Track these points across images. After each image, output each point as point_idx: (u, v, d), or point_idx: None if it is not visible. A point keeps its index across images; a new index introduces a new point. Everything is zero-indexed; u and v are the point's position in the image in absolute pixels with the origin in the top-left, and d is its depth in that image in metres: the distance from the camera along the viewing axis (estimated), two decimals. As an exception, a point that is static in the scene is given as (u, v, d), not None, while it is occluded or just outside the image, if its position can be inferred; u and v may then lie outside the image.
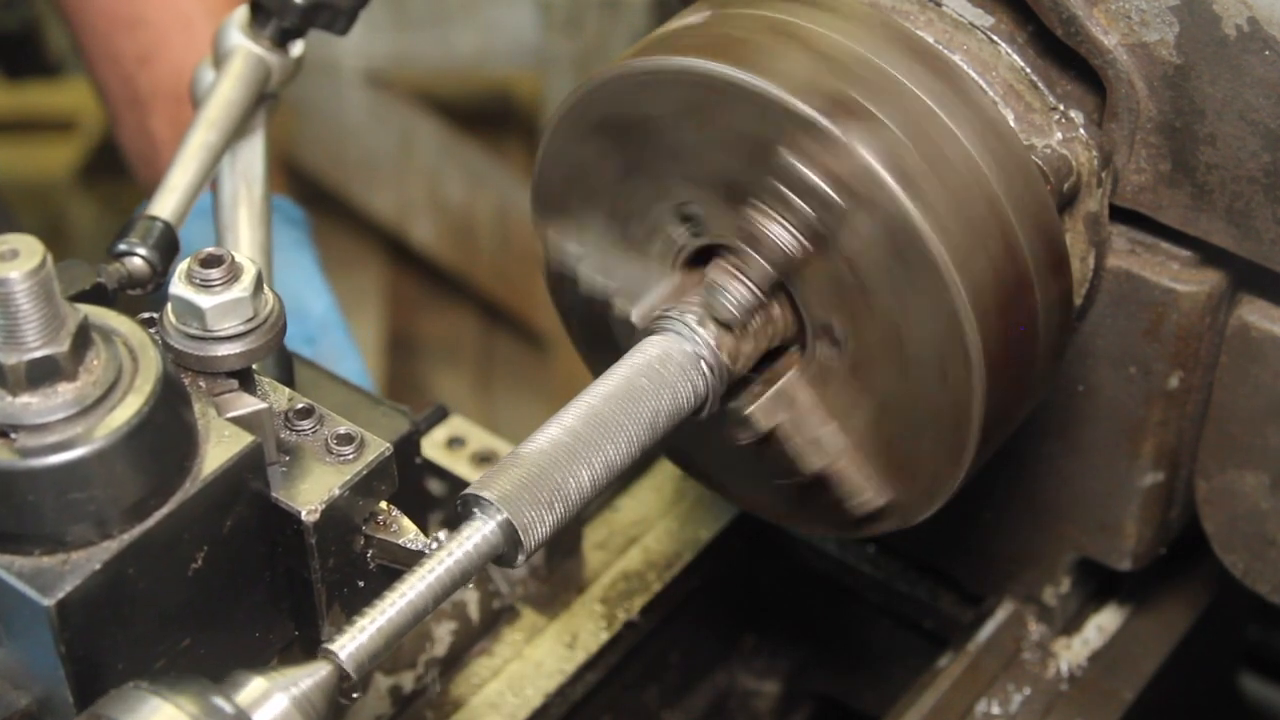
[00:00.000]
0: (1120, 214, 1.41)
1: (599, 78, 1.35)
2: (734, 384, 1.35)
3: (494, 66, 4.14)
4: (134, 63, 2.09)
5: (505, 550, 1.19)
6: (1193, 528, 1.54)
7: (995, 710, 1.64)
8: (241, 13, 1.61)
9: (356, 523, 1.21)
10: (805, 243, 1.28)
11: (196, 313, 1.16)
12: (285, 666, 1.12)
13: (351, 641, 1.13)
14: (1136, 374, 1.45)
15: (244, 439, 1.15)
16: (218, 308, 1.16)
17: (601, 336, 1.43)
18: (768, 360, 1.37)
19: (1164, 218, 1.38)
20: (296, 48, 1.63)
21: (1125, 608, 1.71)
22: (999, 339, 1.29)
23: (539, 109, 4.00)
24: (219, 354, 1.17)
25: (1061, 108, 1.38)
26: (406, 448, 1.43)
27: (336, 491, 1.18)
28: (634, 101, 1.33)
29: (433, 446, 1.70)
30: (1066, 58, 1.37)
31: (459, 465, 1.68)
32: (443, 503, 1.71)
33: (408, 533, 1.22)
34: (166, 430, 1.11)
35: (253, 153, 1.64)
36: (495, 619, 1.65)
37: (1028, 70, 1.38)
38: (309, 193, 4.22)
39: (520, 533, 1.19)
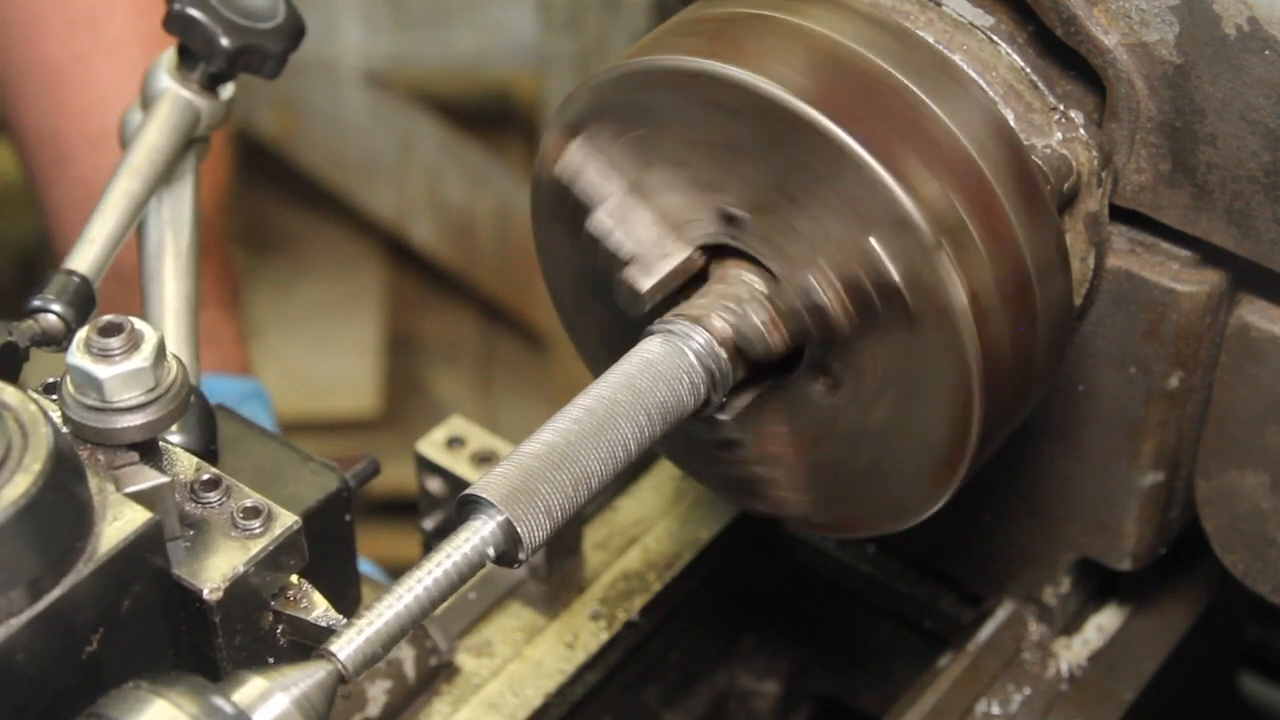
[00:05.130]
0: (1120, 214, 1.40)
1: (600, 77, 1.34)
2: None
3: (494, 66, 4.14)
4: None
5: (505, 550, 1.19)
6: (1193, 528, 1.54)
7: (995, 710, 1.64)
8: (170, 55, 1.57)
9: (264, 599, 1.17)
10: (855, 319, 1.29)
11: (94, 384, 1.11)
12: (285, 666, 1.12)
13: (351, 642, 1.13)
14: (1136, 374, 1.45)
15: (142, 516, 1.10)
16: (116, 378, 1.11)
17: (587, 291, 1.43)
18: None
19: (1164, 218, 1.38)
20: (226, 90, 1.59)
21: (1125, 608, 1.71)
22: (998, 339, 1.28)
23: (539, 109, 4.00)
24: (118, 426, 1.12)
25: (1061, 108, 1.38)
26: (337, 505, 1.40)
27: (241, 568, 1.15)
28: (651, 96, 1.33)
29: (433, 446, 1.70)
30: (1066, 58, 1.37)
31: (459, 465, 1.68)
32: (443, 503, 1.71)
33: (318, 608, 1.19)
34: (58, 509, 1.06)
35: (180, 199, 1.58)
36: (433, 676, 1.61)
37: (1028, 70, 1.38)
38: (309, 193, 4.23)
39: (520, 533, 1.19)
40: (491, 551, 1.18)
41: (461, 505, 1.20)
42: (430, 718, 1.59)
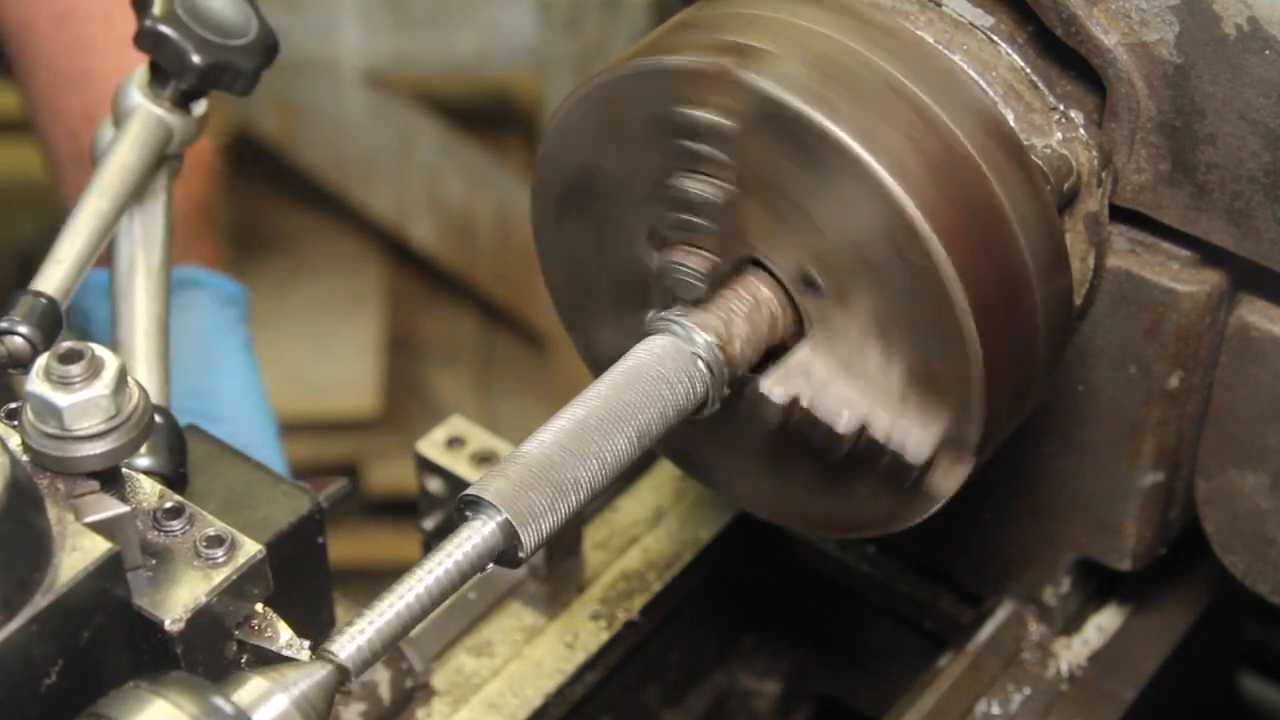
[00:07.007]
0: (1120, 214, 1.41)
1: (589, 84, 1.34)
2: (742, 382, 1.34)
3: (494, 66, 4.14)
4: (80, 119, 1.97)
5: (505, 550, 1.19)
6: (1193, 528, 1.54)
7: (995, 710, 1.64)
8: (141, 72, 1.54)
9: (228, 628, 1.16)
10: (728, 185, 1.29)
11: (54, 411, 1.09)
12: (285, 666, 1.12)
13: (351, 642, 1.13)
14: (1136, 374, 1.45)
15: (101, 546, 1.08)
16: (76, 406, 1.09)
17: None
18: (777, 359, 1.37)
19: (1164, 217, 1.38)
20: (199, 107, 1.56)
21: (1125, 608, 1.71)
22: (998, 339, 1.28)
23: (539, 109, 4.00)
24: (78, 455, 1.10)
25: (1061, 108, 1.38)
26: (308, 527, 1.38)
27: (204, 599, 1.13)
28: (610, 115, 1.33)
29: (433, 446, 1.70)
30: (1066, 58, 1.37)
31: (459, 465, 1.68)
32: (443, 503, 1.71)
33: (283, 636, 1.18)
34: (14, 541, 1.04)
35: (152, 218, 1.56)
36: (408, 699, 1.60)
37: (1028, 70, 1.38)
38: (309, 193, 4.23)
39: (520, 533, 1.19)
40: (492, 551, 1.19)
41: (461, 505, 1.20)
42: (430, 717, 1.60)
